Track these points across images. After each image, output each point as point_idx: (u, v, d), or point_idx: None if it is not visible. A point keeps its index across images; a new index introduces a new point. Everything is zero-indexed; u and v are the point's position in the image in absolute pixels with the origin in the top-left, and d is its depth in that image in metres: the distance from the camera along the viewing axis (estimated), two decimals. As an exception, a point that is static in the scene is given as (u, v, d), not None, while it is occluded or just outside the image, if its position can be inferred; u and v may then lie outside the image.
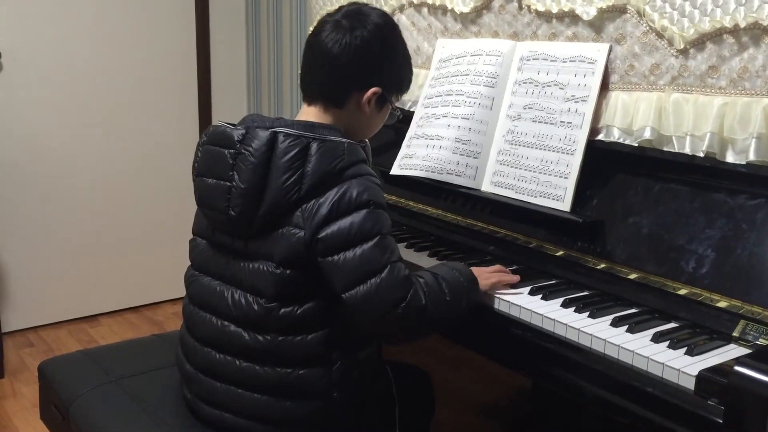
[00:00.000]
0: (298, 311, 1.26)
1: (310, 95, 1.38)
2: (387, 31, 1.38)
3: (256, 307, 1.27)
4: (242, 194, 1.24)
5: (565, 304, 1.33)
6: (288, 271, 1.24)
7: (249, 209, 1.25)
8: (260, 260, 1.27)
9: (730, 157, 1.32)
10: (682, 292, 1.28)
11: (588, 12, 1.57)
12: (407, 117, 1.91)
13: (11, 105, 2.91)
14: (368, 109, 1.37)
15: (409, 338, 1.34)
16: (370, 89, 1.35)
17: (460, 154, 1.71)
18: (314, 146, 1.23)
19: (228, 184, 1.26)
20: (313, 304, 1.26)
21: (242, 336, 1.29)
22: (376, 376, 1.42)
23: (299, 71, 1.50)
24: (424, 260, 1.59)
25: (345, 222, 1.21)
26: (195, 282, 1.39)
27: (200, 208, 1.36)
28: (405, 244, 1.69)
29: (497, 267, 1.46)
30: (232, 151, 1.26)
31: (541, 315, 1.30)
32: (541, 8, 1.68)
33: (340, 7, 1.39)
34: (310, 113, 1.37)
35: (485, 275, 1.40)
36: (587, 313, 1.29)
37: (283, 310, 1.25)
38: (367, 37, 1.33)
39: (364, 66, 1.35)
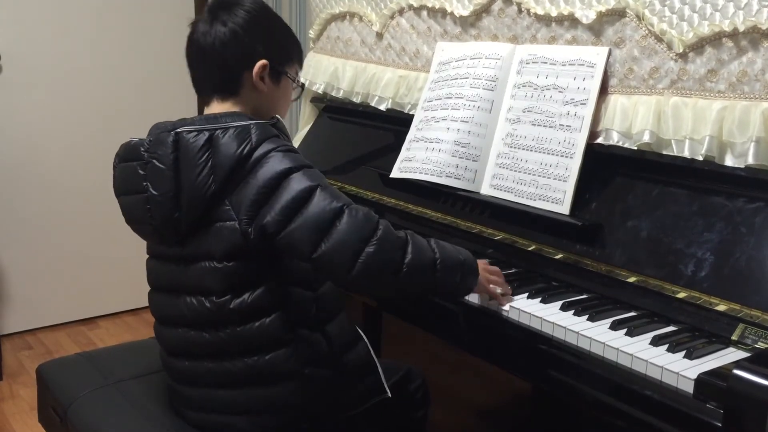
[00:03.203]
0: (250, 299, 1.26)
1: (204, 94, 1.37)
2: (257, 11, 1.35)
3: (208, 304, 1.27)
4: (159, 202, 1.25)
5: (564, 307, 1.33)
6: (232, 264, 1.25)
7: (170, 214, 1.25)
8: (202, 260, 1.27)
9: (729, 161, 1.32)
10: (681, 295, 1.27)
11: (587, 15, 1.57)
12: (407, 120, 1.92)
13: (10, 107, 2.91)
14: (264, 85, 1.35)
15: (393, 281, 1.21)
16: (256, 64, 1.33)
17: (460, 157, 1.71)
18: (219, 135, 1.23)
19: (144, 195, 1.26)
20: (263, 289, 1.27)
21: (202, 336, 1.29)
22: (351, 344, 1.41)
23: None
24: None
25: (279, 195, 1.19)
26: (153, 301, 1.40)
27: (130, 226, 1.35)
28: (404, 247, 1.69)
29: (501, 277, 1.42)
30: (141, 162, 1.27)
31: (540, 318, 1.30)
32: (540, 12, 1.68)
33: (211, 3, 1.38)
34: (211, 110, 1.35)
35: (488, 274, 1.37)
36: (586, 316, 1.29)
37: (234, 302, 1.26)
38: (239, 21, 1.32)
39: (243, 46, 1.32)
